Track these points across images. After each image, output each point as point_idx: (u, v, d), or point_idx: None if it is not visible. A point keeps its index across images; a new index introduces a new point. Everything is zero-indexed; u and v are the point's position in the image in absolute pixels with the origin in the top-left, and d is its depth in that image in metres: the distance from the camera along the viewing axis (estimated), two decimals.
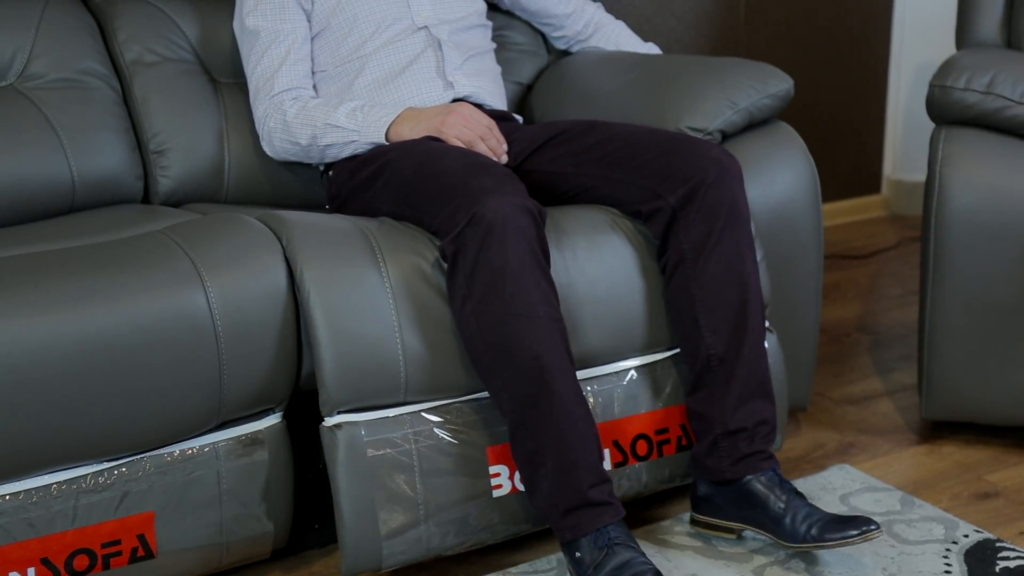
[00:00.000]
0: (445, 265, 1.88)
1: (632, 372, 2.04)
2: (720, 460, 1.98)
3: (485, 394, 1.93)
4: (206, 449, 1.86)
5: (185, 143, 2.27)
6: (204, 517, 1.85)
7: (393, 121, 2.13)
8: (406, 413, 1.89)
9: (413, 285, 1.88)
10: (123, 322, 1.74)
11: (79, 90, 2.23)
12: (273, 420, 1.92)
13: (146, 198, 2.29)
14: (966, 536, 2.05)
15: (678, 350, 2.07)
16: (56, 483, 1.76)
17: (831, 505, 2.13)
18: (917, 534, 2.05)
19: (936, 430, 2.44)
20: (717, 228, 1.97)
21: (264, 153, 2.29)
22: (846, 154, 3.71)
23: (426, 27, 2.30)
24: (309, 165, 2.32)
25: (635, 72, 2.40)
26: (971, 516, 2.12)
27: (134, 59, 2.30)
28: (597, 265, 2.00)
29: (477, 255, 1.82)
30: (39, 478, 1.75)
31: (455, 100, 2.27)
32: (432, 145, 2.06)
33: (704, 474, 2.01)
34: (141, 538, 1.82)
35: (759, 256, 2.08)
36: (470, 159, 1.98)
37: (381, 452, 1.86)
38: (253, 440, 1.89)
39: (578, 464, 1.84)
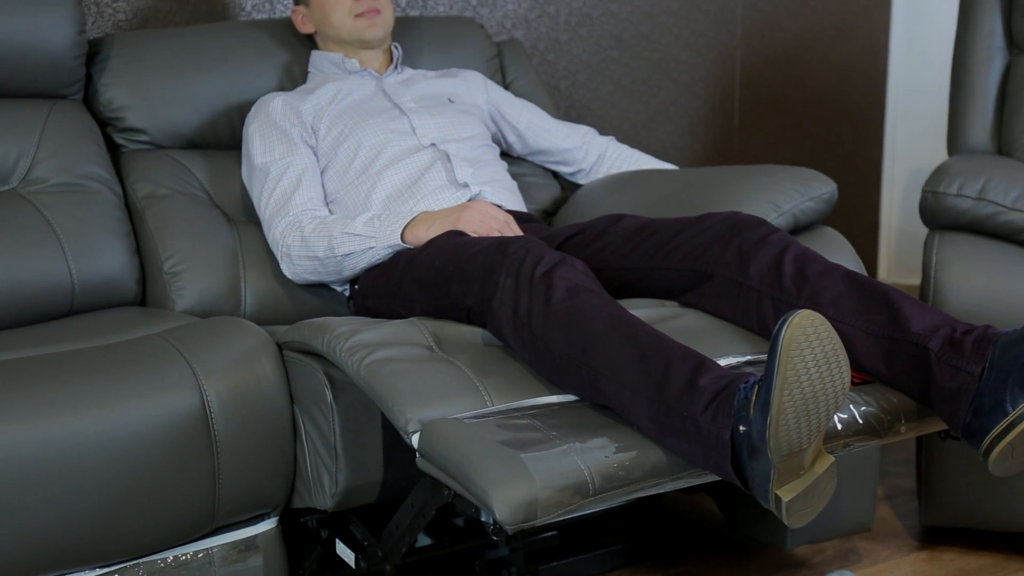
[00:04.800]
0: (500, 338, 1.80)
1: None
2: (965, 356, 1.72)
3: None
4: (200, 555, 1.84)
5: (199, 263, 2.24)
6: None
7: (409, 223, 2.11)
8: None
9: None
10: (119, 426, 1.73)
11: (81, 194, 2.25)
12: (268, 525, 1.90)
13: None
14: None
15: None
16: None
17: None
18: None
19: (936, 536, 2.42)
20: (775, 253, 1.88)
21: (282, 274, 2.26)
22: None
23: (433, 144, 2.33)
24: (330, 287, 2.29)
25: (673, 183, 2.37)
26: None
27: (146, 194, 2.31)
28: None
29: (516, 287, 1.77)
30: None
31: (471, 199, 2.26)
32: (457, 237, 2.02)
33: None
34: None
35: None
36: (500, 238, 1.91)
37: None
38: (248, 545, 1.87)
39: (704, 364, 1.64)
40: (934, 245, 2.31)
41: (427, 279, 1.97)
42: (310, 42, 2.53)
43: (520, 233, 2.12)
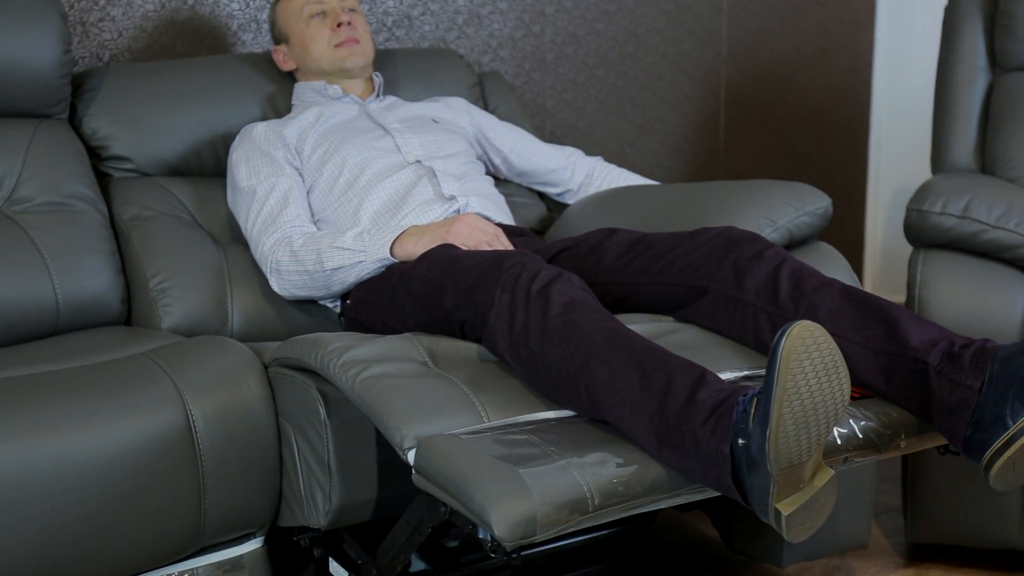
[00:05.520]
0: (496, 353, 1.79)
1: None
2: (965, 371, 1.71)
3: None
4: (185, 575, 1.83)
5: (186, 281, 2.23)
6: None
7: (398, 237, 2.10)
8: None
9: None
10: (104, 446, 1.73)
11: (67, 213, 2.24)
12: (254, 544, 1.89)
13: None
14: None
15: None
16: None
17: None
18: None
19: (922, 553, 2.42)
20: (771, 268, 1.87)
21: (269, 291, 2.25)
22: None
23: (418, 161, 2.34)
24: (320, 304, 2.28)
25: (667, 199, 2.36)
26: None
27: (131, 216, 2.31)
28: None
29: (512, 302, 1.76)
30: None
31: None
32: (451, 250, 2.01)
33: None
34: None
35: None
36: (495, 252, 1.91)
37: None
38: (234, 566, 1.86)
39: (703, 378, 1.63)
40: (919, 263, 2.32)
41: (421, 292, 1.96)
42: (293, 79, 2.55)
43: (509, 245, 2.12)
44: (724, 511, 2.27)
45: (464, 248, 2.04)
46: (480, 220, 2.12)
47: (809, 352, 1.49)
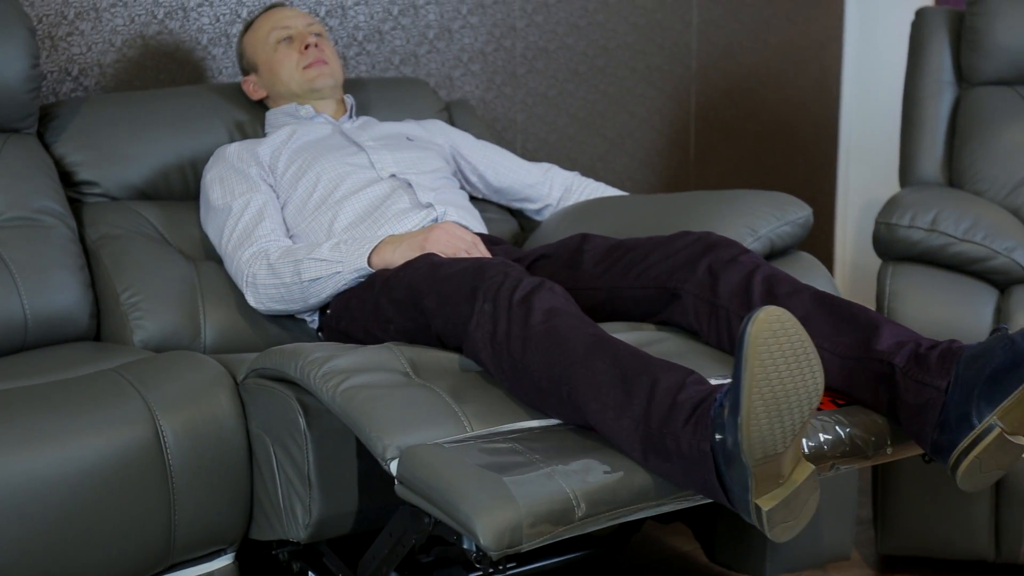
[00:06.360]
0: (479, 364, 1.79)
1: None
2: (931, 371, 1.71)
3: None
4: None
5: (157, 294, 2.21)
6: None
7: (375, 247, 2.09)
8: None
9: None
10: (73, 462, 1.71)
11: (35, 228, 2.23)
12: (225, 561, 1.88)
13: None
14: None
15: None
16: None
17: None
18: None
19: (893, 564, 2.43)
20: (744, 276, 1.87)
21: (243, 304, 2.23)
22: None
23: (393, 175, 2.34)
24: (295, 318, 2.27)
25: (648, 208, 2.35)
26: None
27: (100, 236, 2.30)
28: None
29: (494, 311, 1.75)
30: None
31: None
32: (433, 257, 2.00)
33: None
34: None
35: None
36: (476, 260, 1.90)
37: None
38: None
39: (685, 382, 1.62)
40: (887, 276, 2.34)
41: (403, 299, 1.95)
42: (265, 108, 2.56)
43: (487, 254, 2.11)
44: (705, 522, 2.27)
45: (443, 256, 2.03)
46: (458, 228, 2.11)
47: (777, 337, 1.48)
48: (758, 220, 2.22)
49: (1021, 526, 2.23)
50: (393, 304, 1.97)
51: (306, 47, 2.45)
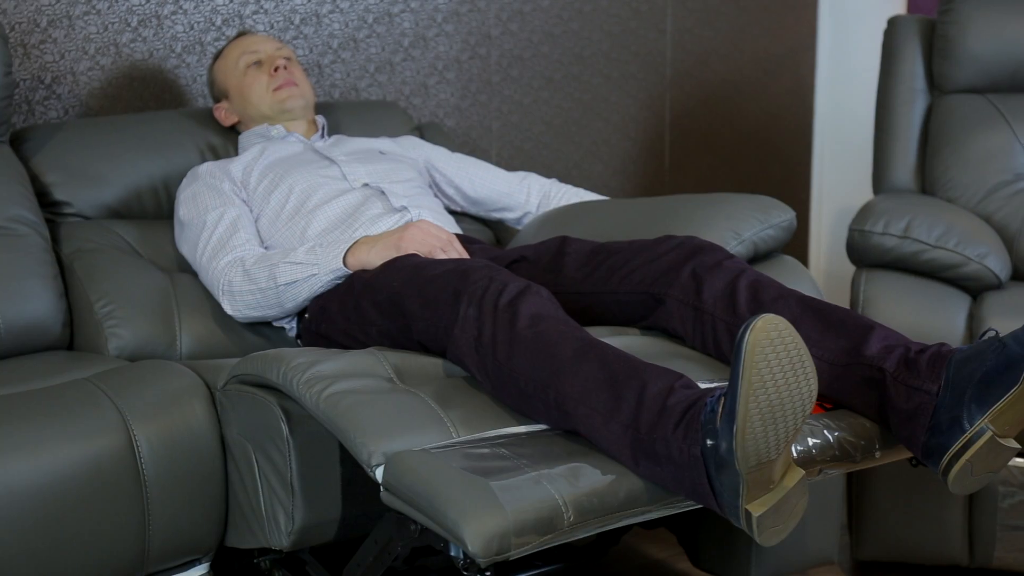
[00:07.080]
0: (464, 367, 1.77)
1: None
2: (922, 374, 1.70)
3: None
4: None
5: (132, 303, 2.20)
6: None
7: (350, 248, 2.07)
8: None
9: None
10: (46, 472, 1.70)
11: (8, 237, 2.21)
12: (200, 571, 1.88)
13: None
14: None
15: None
16: None
17: None
18: None
19: (868, 570, 2.44)
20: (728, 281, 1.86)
21: (219, 312, 2.22)
22: None
23: (366, 184, 2.33)
24: (273, 326, 2.26)
25: (632, 211, 2.34)
26: None
27: (73, 250, 2.29)
28: None
29: (479, 316, 1.74)
30: None
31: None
32: (415, 258, 1.99)
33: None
34: None
35: None
36: (459, 263, 1.88)
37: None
38: None
39: (674, 386, 1.61)
40: (861, 282, 2.35)
41: (384, 301, 1.93)
42: (237, 133, 2.57)
43: (463, 252, 2.10)
44: (690, 528, 2.26)
45: (420, 255, 2.02)
46: (433, 226, 2.09)
47: (774, 346, 1.48)
48: (742, 223, 2.21)
49: (994, 531, 2.24)
50: (375, 306, 1.95)
51: (275, 70, 2.46)
